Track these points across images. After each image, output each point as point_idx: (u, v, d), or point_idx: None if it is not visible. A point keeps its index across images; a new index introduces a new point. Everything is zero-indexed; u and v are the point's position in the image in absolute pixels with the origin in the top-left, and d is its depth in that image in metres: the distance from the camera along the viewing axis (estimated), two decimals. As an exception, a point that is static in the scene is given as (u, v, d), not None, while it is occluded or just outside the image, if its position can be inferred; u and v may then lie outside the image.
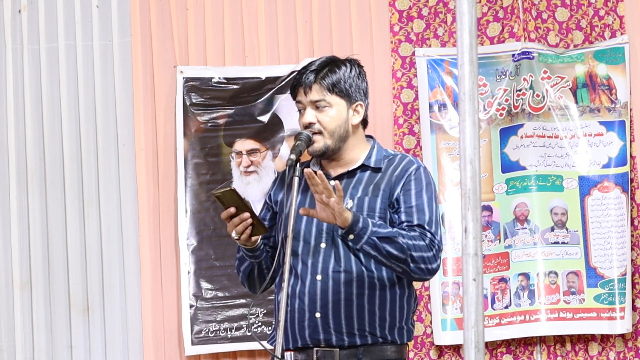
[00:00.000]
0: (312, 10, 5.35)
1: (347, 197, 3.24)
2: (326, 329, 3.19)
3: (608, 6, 5.29)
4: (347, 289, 3.19)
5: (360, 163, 3.29)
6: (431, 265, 3.17)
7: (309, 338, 3.19)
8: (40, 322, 5.23)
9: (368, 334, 3.20)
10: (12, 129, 5.29)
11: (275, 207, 3.36)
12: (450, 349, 5.21)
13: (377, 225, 3.12)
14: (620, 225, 5.14)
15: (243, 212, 3.13)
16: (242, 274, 3.35)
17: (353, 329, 3.19)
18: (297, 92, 3.28)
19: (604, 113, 5.21)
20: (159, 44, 5.33)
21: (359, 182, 3.26)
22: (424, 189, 3.25)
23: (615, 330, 5.09)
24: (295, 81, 3.28)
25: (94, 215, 5.25)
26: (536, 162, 5.19)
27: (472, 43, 2.16)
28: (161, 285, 5.23)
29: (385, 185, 3.25)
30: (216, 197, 3.12)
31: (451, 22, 5.30)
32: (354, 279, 3.19)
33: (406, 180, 3.24)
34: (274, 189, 3.41)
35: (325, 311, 3.18)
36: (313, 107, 3.25)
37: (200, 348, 5.15)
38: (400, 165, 3.29)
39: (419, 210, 3.20)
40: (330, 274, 3.19)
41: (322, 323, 3.18)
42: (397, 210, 3.22)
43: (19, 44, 5.35)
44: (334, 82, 3.24)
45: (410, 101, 5.32)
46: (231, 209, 3.11)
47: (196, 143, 5.24)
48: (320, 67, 3.27)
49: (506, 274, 5.17)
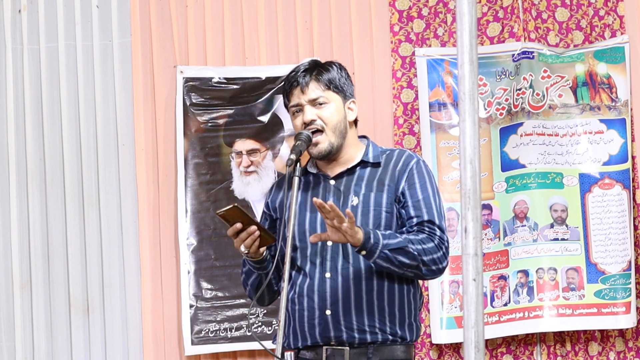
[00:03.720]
0: (312, 10, 5.35)
1: (351, 194, 3.25)
2: (337, 326, 3.19)
3: (608, 6, 5.29)
4: (356, 285, 3.20)
5: (358, 160, 3.30)
6: (441, 264, 3.22)
7: (319, 336, 3.20)
8: (40, 322, 5.23)
9: (378, 330, 3.21)
10: (12, 129, 5.29)
11: (275, 214, 3.37)
12: (450, 348, 5.22)
13: (387, 236, 3.15)
14: (621, 222, 5.14)
15: (249, 226, 3.15)
16: (250, 287, 3.37)
17: (364, 326, 3.19)
18: (291, 94, 3.29)
19: (604, 111, 5.22)
20: (159, 44, 5.33)
21: (360, 179, 3.28)
22: (427, 182, 3.28)
23: (620, 325, 5.09)
24: (288, 85, 3.29)
25: (94, 215, 5.25)
26: (536, 160, 5.19)
27: (472, 43, 2.16)
28: (161, 285, 5.23)
29: (389, 180, 3.27)
30: (221, 216, 3.15)
31: (451, 22, 5.30)
32: (363, 276, 3.21)
33: (409, 174, 3.27)
34: (271, 196, 3.41)
35: (336, 308, 3.19)
36: (312, 105, 3.26)
37: (200, 348, 5.15)
38: (401, 159, 3.31)
39: (427, 204, 3.24)
40: (339, 271, 3.21)
41: (333, 320, 3.19)
42: (404, 205, 3.25)
43: (19, 44, 5.35)
44: (330, 78, 3.28)
45: (410, 101, 5.32)
46: (237, 224, 3.14)
47: (196, 143, 5.24)
48: (311, 67, 3.30)
49: (505, 272, 5.18)
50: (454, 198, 5.19)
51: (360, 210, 3.23)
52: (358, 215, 3.21)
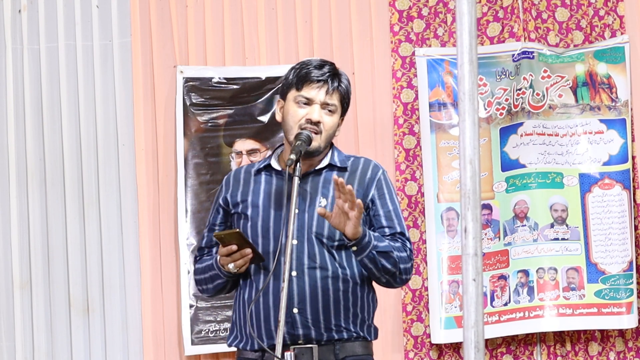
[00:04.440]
0: (312, 10, 5.35)
1: (319, 196, 3.31)
2: (305, 324, 3.23)
3: (608, 6, 5.29)
4: (323, 285, 3.25)
5: (326, 163, 3.35)
6: (409, 275, 3.34)
7: (287, 334, 3.21)
8: (40, 322, 5.23)
9: (343, 329, 3.27)
10: (12, 129, 5.29)
11: (235, 209, 3.38)
12: (450, 348, 5.22)
13: (377, 238, 3.23)
14: (621, 222, 5.14)
15: (244, 249, 3.20)
16: (212, 289, 3.42)
17: (330, 324, 3.25)
18: (308, 86, 3.31)
19: (604, 111, 5.22)
20: (159, 44, 5.33)
21: (327, 181, 3.33)
22: (394, 193, 3.39)
23: (622, 325, 5.09)
24: (306, 75, 3.30)
25: (94, 215, 5.25)
26: (536, 160, 5.20)
27: (472, 43, 2.16)
28: (161, 285, 5.23)
29: (358, 185, 3.34)
30: (219, 238, 3.20)
31: (451, 22, 5.30)
32: (330, 276, 3.26)
33: (378, 183, 3.35)
34: (231, 190, 3.41)
35: (303, 306, 3.23)
36: (322, 108, 3.29)
37: (200, 348, 5.15)
38: (369, 168, 3.39)
39: (397, 215, 3.35)
40: (305, 270, 3.25)
41: (301, 318, 3.23)
42: (374, 213, 3.33)
43: (19, 44, 5.35)
44: (348, 93, 3.36)
45: (410, 101, 5.32)
46: (233, 246, 3.20)
47: (196, 143, 5.24)
48: (334, 73, 3.34)
49: (505, 272, 5.18)
50: (454, 198, 5.19)
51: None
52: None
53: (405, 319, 5.24)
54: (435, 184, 5.23)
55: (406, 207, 5.27)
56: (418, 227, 5.26)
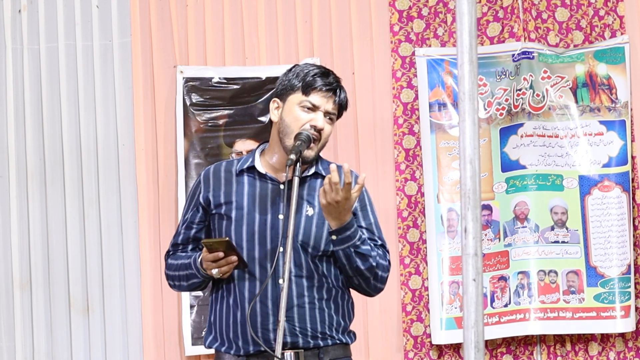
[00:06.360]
0: (312, 10, 5.35)
1: (305, 204, 3.29)
2: (293, 332, 3.25)
3: (608, 6, 5.29)
4: (310, 293, 3.27)
5: (312, 171, 3.33)
6: (384, 284, 3.36)
7: (273, 341, 3.20)
8: (40, 322, 5.23)
9: (328, 336, 3.30)
10: (12, 129, 5.29)
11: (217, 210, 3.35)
12: (450, 348, 5.22)
13: (361, 241, 3.24)
14: (621, 225, 5.14)
15: (229, 256, 3.20)
16: (186, 287, 3.43)
17: (316, 332, 3.28)
18: (316, 93, 3.29)
19: (604, 112, 5.22)
20: (159, 44, 5.33)
21: (312, 189, 3.32)
22: (373, 205, 3.41)
23: (619, 329, 5.09)
24: (315, 82, 3.29)
25: (94, 215, 5.25)
26: (536, 161, 5.20)
27: (472, 43, 2.16)
28: (161, 285, 5.23)
29: None
30: (207, 246, 3.20)
31: (451, 22, 5.30)
32: (316, 284, 3.28)
33: (360, 196, 3.35)
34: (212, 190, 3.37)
35: (291, 314, 3.24)
36: (325, 115, 3.29)
37: (200, 348, 5.15)
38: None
39: (377, 227, 3.38)
40: (293, 279, 3.25)
41: (289, 326, 3.24)
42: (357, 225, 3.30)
43: (19, 44, 5.35)
44: (345, 106, 3.36)
45: (410, 101, 5.32)
46: (220, 253, 3.19)
47: (196, 143, 5.24)
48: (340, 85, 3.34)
49: (506, 273, 5.18)
50: (454, 198, 5.19)
51: (315, 222, 3.27)
52: (312, 226, 3.26)
53: (405, 319, 5.24)
54: (435, 184, 5.23)
55: (406, 207, 5.27)
56: (418, 227, 5.26)
